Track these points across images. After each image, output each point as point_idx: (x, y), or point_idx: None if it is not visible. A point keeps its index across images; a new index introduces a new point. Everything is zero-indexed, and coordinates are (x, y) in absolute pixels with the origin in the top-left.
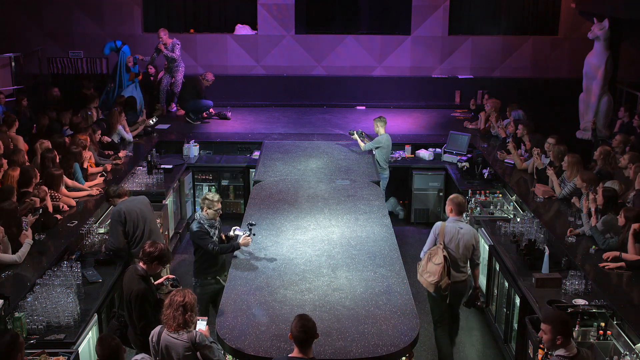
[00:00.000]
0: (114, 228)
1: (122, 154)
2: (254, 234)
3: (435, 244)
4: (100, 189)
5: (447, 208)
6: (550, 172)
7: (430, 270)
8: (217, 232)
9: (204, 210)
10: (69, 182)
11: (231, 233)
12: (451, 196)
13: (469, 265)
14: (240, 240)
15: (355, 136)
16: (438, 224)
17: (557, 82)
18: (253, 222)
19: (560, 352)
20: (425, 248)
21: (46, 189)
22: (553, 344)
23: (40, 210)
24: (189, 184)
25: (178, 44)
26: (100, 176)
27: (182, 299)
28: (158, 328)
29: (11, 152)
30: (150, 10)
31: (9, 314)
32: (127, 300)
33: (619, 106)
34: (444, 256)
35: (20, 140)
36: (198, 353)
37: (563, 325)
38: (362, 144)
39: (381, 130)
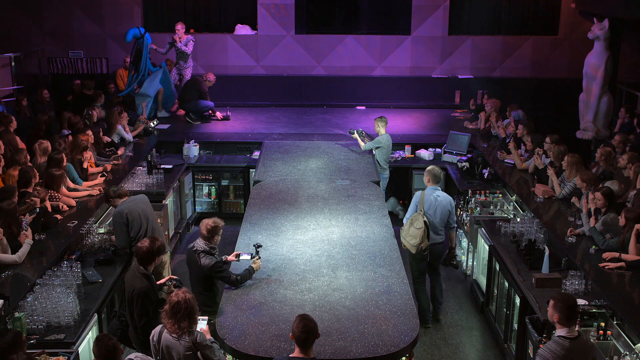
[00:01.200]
0: (118, 230)
1: (120, 151)
2: (259, 257)
3: (416, 211)
4: (101, 189)
5: (425, 178)
6: (550, 172)
7: (412, 234)
8: None
9: (214, 238)
10: (71, 184)
11: (231, 257)
12: (428, 168)
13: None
14: (254, 265)
15: (356, 135)
16: (418, 193)
17: (557, 82)
18: (260, 244)
19: (562, 332)
20: (407, 215)
21: (46, 189)
22: (552, 320)
23: (38, 209)
24: (189, 184)
25: (193, 41)
26: (101, 176)
27: (185, 306)
28: (159, 327)
29: (13, 151)
30: (150, 10)
31: (9, 314)
32: (129, 299)
33: (619, 106)
34: (424, 221)
35: (17, 140)
36: (199, 353)
37: (564, 305)
38: (362, 144)
39: (382, 130)
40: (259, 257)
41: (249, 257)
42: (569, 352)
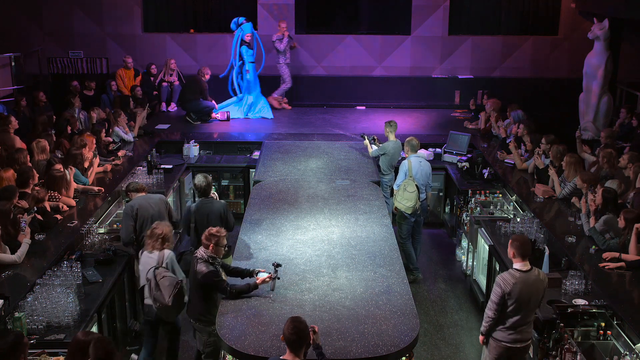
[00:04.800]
0: (124, 221)
1: (120, 153)
2: (278, 277)
3: (405, 178)
4: (101, 189)
5: (405, 149)
6: (552, 172)
7: (407, 197)
8: (221, 269)
9: (210, 247)
10: (81, 187)
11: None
12: (407, 139)
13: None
14: (258, 280)
15: (366, 141)
16: (405, 161)
17: (557, 82)
18: (279, 263)
19: (517, 265)
20: (398, 182)
21: (46, 190)
22: (510, 257)
23: (35, 209)
24: (189, 184)
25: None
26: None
27: (161, 232)
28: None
29: (13, 152)
30: (150, 10)
31: (9, 314)
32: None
33: (619, 106)
34: (416, 185)
35: (17, 140)
36: (165, 264)
37: (519, 242)
38: (370, 150)
39: (391, 136)
40: (273, 278)
41: (265, 275)
42: (517, 281)
